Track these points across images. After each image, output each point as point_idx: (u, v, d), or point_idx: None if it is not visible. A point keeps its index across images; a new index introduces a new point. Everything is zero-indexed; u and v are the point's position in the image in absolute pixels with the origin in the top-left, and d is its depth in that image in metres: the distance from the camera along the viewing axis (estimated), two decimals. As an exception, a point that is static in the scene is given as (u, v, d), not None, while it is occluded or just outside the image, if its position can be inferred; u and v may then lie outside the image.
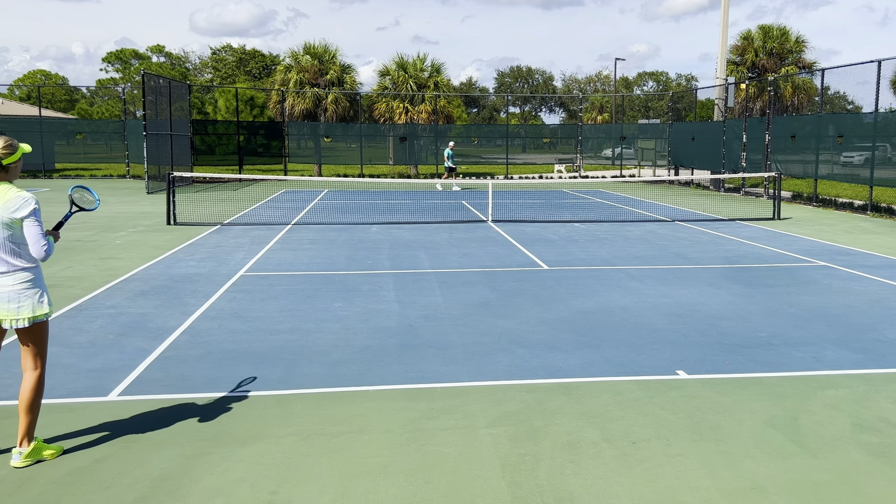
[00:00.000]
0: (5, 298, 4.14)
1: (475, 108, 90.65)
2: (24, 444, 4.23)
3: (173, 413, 4.98)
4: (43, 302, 4.24)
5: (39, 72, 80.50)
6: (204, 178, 27.60)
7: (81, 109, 62.06)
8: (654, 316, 7.72)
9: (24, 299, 4.16)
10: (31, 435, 4.24)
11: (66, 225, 15.11)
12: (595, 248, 12.44)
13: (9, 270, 4.14)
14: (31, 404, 4.22)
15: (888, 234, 14.78)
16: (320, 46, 37.22)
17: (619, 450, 4.47)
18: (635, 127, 39.55)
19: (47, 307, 4.26)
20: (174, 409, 5.06)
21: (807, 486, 4.03)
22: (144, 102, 22.92)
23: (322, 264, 10.73)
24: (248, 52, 78.20)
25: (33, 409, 4.23)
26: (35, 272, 4.24)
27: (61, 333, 6.91)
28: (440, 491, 3.95)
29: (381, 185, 28.35)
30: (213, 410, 5.06)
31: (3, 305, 4.14)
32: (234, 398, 5.30)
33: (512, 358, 6.26)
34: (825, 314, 7.88)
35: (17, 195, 4.14)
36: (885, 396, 5.42)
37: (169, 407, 5.09)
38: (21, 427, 4.22)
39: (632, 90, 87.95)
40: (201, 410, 5.05)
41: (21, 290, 4.16)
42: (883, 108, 19.04)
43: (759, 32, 35.68)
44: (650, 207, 20.03)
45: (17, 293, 4.15)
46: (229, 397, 5.32)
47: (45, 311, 4.24)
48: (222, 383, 5.60)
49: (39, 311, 4.21)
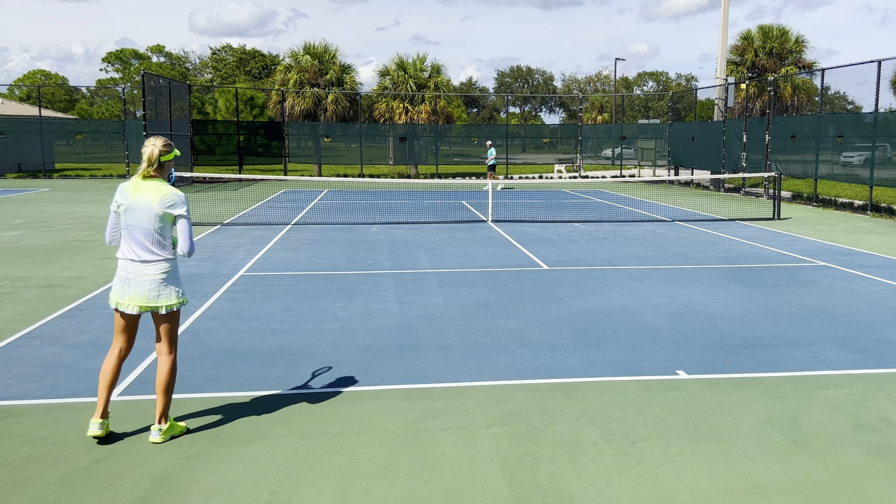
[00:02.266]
0: (146, 287, 4.47)
1: (475, 109, 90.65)
2: (162, 422, 4.56)
3: (173, 413, 4.97)
4: (179, 291, 4.59)
5: (39, 72, 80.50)
6: (204, 178, 27.60)
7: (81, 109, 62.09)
8: (654, 316, 7.72)
9: (163, 289, 4.50)
10: (166, 414, 4.58)
11: (68, 225, 15.11)
12: (595, 248, 12.44)
13: (153, 260, 4.49)
14: (167, 386, 4.55)
15: (888, 234, 14.78)
16: (320, 46, 37.22)
17: (619, 450, 4.47)
18: (635, 127, 39.54)
19: (183, 296, 4.61)
20: (174, 409, 5.05)
21: (807, 486, 4.03)
22: (144, 102, 22.92)
23: (322, 264, 10.73)
24: (248, 52, 78.18)
25: (168, 391, 4.56)
26: (173, 264, 4.58)
27: (61, 333, 6.91)
28: (440, 491, 3.95)
29: (381, 185, 28.36)
30: (213, 410, 5.06)
31: (144, 293, 4.47)
32: (234, 398, 5.30)
33: (512, 358, 6.26)
34: (825, 314, 7.88)
35: (172, 192, 4.52)
36: (885, 396, 5.42)
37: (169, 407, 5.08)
38: (158, 407, 4.55)
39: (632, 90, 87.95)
40: (201, 410, 5.05)
41: (161, 280, 4.49)
42: (883, 108, 19.04)
43: (758, 32, 35.67)
44: (650, 207, 20.03)
45: (157, 283, 4.48)
46: (229, 397, 5.32)
47: (180, 300, 4.58)
48: (222, 383, 5.60)
49: (175, 300, 4.55)
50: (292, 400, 5.27)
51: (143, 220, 4.45)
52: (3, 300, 8.31)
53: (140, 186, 4.49)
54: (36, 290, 8.81)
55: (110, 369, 4.56)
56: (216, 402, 5.22)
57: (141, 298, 4.46)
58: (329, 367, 5.98)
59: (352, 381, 5.66)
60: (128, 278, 4.48)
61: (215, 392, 5.42)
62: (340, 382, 5.64)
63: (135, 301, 4.47)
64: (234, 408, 5.11)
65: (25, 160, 32.75)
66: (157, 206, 4.44)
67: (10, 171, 32.62)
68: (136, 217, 4.46)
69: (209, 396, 5.33)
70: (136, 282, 4.46)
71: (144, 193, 4.46)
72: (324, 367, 6.00)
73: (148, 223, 4.45)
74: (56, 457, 4.34)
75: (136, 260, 4.47)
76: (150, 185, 4.49)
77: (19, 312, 7.73)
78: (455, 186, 28.56)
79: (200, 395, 5.36)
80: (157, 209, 4.44)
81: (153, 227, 4.46)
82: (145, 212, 4.45)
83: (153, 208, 4.44)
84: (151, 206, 4.44)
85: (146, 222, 4.45)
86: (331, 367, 5.98)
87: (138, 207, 4.45)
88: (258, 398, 5.30)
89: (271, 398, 5.31)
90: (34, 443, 4.52)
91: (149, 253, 4.46)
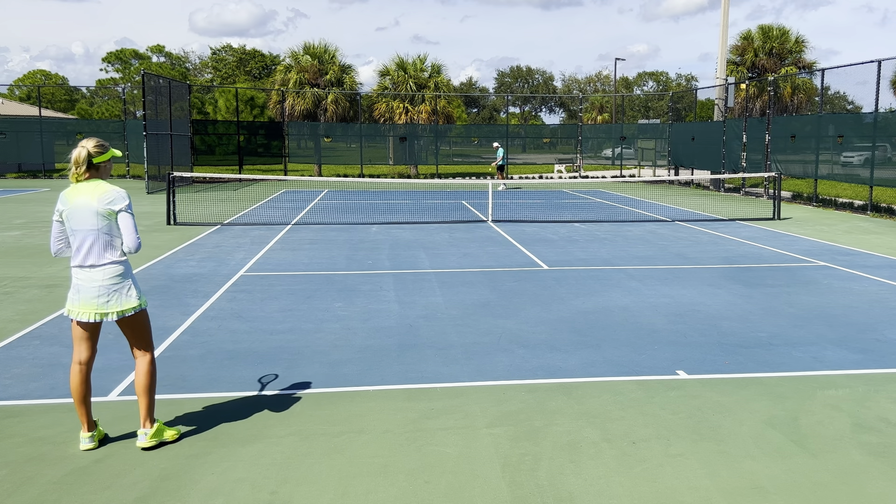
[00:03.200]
0: (95, 293, 4.30)
1: (475, 109, 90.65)
2: (148, 426, 4.42)
3: (173, 413, 4.98)
4: (131, 296, 4.38)
5: (39, 72, 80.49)
6: (204, 178, 27.60)
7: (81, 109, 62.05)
8: (654, 316, 7.72)
9: (112, 294, 4.32)
10: (152, 416, 4.44)
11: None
12: (595, 248, 12.44)
13: (101, 264, 4.31)
14: (147, 387, 4.42)
15: (888, 234, 14.78)
16: (320, 46, 37.22)
17: (619, 450, 4.47)
18: (635, 127, 39.54)
19: (136, 300, 4.40)
20: (174, 409, 5.06)
21: (807, 486, 4.03)
22: (144, 102, 22.91)
23: (322, 264, 10.73)
24: (248, 52, 78.19)
25: (149, 392, 4.43)
26: (125, 265, 4.39)
27: (61, 333, 6.91)
28: (440, 491, 3.95)
29: (381, 185, 28.35)
30: (213, 410, 5.06)
31: (93, 300, 4.30)
32: (234, 398, 5.30)
33: (512, 358, 6.26)
34: (825, 314, 7.87)
35: (110, 188, 4.35)
36: (885, 396, 5.42)
37: (169, 407, 5.08)
38: (141, 410, 4.42)
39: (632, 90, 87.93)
40: (201, 410, 5.05)
41: (110, 284, 4.32)
42: (883, 108, 19.03)
43: (758, 32, 35.67)
44: (650, 207, 20.03)
45: (106, 288, 4.31)
46: (229, 397, 5.32)
47: (133, 304, 4.38)
48: (222, 383, 5.60)
49: (128, 305, 4.36)
50: (292, 400, 5.27)
51: (85, 223, 4.28)
52: (3, 300, 8.31)
53: (78, 189, 4.31)
54: (36, 290, 8.81)
55: (78, 384, 4.39)
56: (216, 402, 5.22)
57: (91, 305, 4.29)
58: (329, 368, 5.98)
59: (352, 381, 5.66)
60: (79, 285, 4.32)
61: (215, 392, 5.41)
62: (340, 382, 5.64)
63: (85, 308, 4.30)
64: (234, 408, 5.11)
65: (25, 160, 32.76)
66: (96, 204, 4.27)
67: (10, 171, 32.63)
68: (78, 221, 4.29)
69: (209, 396, 5.33)
70: (85, 288, 4.30)
71: (83, 195, 4.29)
72: (324, 367, 6.00)
73: (91, 224, 4.28)
74: (56, 457, 4.34)
75: (84, 265, 4.30)
76: (87, 185, 4.32)
77: (19, 312, 7.73)
78: (455, 186, 28.56)
79: (200, 395, 5.36)
80: (97, 207, 4.27)
81: (97, 227, 4.28)
82: (86, 212, 4.27)
83: (93, 207, 4.27)
84: (91, 206, 4.27)
85: (89, 224, 4.28)
86: (331, 368, 5.98)
87: (78, 210, 4.28)
88: (258, 398, 5.31)
89: (271, 398, 5.31)
90: (34, 443, 4.52)
91: (95, 257, 4.29)
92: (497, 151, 27.31)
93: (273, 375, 5.78)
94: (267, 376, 5.76)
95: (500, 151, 27.15)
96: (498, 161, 27.28)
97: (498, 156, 27.17)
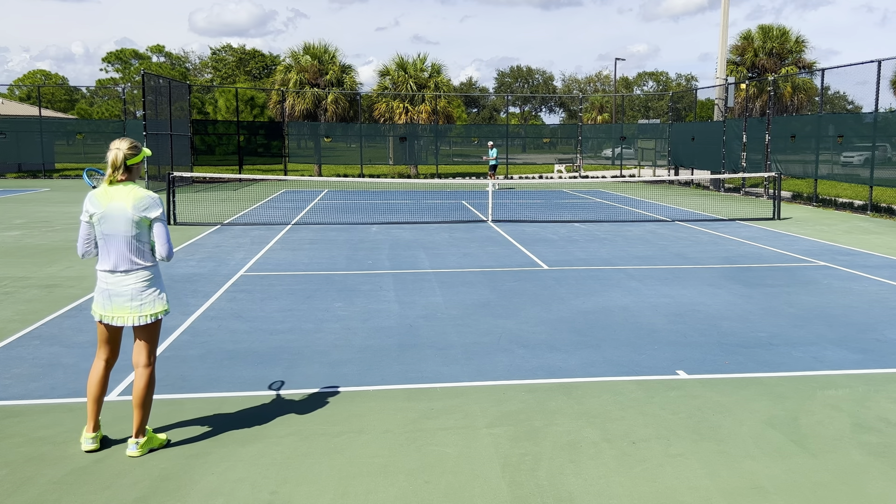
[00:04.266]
0: (128, 297, 4.29)
1: (475, 108, 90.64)
2: (140, 436, 4.39)
3: (173, 413, 4.98)
4: (162, 299, 4.40)
5: (39, 72, 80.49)
6: (204, 178, 27.60)
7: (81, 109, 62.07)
8: (654, 316, 7.72)
9: (146, 297, 4.32)
10: (144, 428, 4.40)
11: (68, 225, 15.11)
12: (595, 248, 12.44)
13: (132, 269, 4.30)
14: (144, 400, 4.37)
15: (888, 234, 14.78)
16: (320, 46, 37.21)
17: (619, 450, 4.47)
18: (635, 127, 39.54)
19: (165, 304, 4.42)
20: (174, 409, 5.06)
21: (807, 486, 4.03)
22: (144, 102, 22.91)
23: (322, 264, 10.73)
24: (248, 52, 78.19)
25: (146, 405, 4.38)
26: (155, 271, 4.39)
27: (61, 333, 6.91)
28: (440, 491, 3.95)
29: (381, 185, 28.36)
30: (213, 410, 5.06)
31: (126, 304, 4.29)
32: (234, 398, 5.30)
33: (512, 358, 6.26)
34: (825, 314, 7.88)
35: (145, 194, 4.31)
36: (885, 396, 5.42)
37: (169, 407, 5.08)
38: (136, 421, 4.37)
39: (632, 90, 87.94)
40: (201, 410, 5.05)
41: (143, 288, 4.31)
42: (883, 108, 19.04)
43: (758, 32, 35.68)
44: (650, 207, 20.03)
45: (138, 291, 4.31)
46: (229, 397, 5.32)
47: (164, 307, 4.41)
48: (222, 383, 5.60)
49: (160, 308, 4.38)
50: (292, 400, 5.27)
51: (118, 228, 4.24)
52: (3, 300, 8.31)
53: (111, 193, 4.25)
54: (36, 290, 8.82)
55: (97, 381, 4.41)
56: (216, 402, 5.22)
57: (123, 309, 4.28)
58: (329, 368, 5.98)
59: (352, 381, 5.66)
60: (108, 290, 4.29)
61: (215, 392, 5.41)
62: (340, 382, 5.64)
63: (118, 313, 4.28)
64: (234, 408, 5.11)
65: (25, 160, 32.77)
66: (132, 211, 4.22)
67: (10, 171, 32.63)
68: (111, 226, 4.24)
69: (209, 396, 5.33)
70: (116, 293, 4.28)
71: (117, 200, 4.24)
72: (324, 367, 6.00)
73: (124, 230, 4.24)
74: (56, 457, 4.33)
75: (116, 271, 4.27)
76: (121, 190, 4.26)
77: (19, 312, 7.73)
78: (455, 186, 28.56)
79: (200, 395, 5.36)
80: (132, 215, 4.22)
81: (130, 234, 4.24)
82: (120, 219, 4.23)
83: (128, 214, 4.22)
84: (126, 212, 4.22)
85: (123, 229, 4.23)
86: (331, 368, 5.98)
87: (112, 215, 4.23)
88: (258, 398, 5.30)
89: (271, 398, 5.31)
90: (34, 443, 4.52)
91: (128, 262, 4.27)
92: (490, 151, 27.23)
93: (273, 375, 5.78)
94: (267, 376, 5.76)
95: (493, 151, 27.04)
96: (490, 160, 27.16)
97: (491, 155, 27.07)
